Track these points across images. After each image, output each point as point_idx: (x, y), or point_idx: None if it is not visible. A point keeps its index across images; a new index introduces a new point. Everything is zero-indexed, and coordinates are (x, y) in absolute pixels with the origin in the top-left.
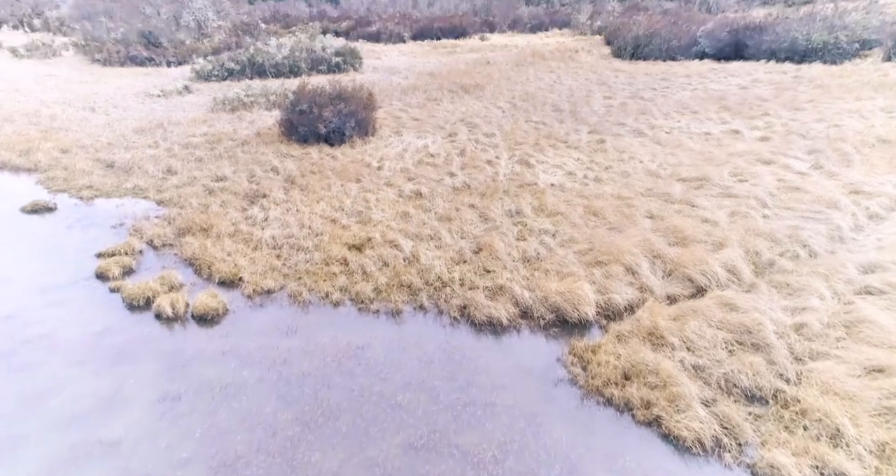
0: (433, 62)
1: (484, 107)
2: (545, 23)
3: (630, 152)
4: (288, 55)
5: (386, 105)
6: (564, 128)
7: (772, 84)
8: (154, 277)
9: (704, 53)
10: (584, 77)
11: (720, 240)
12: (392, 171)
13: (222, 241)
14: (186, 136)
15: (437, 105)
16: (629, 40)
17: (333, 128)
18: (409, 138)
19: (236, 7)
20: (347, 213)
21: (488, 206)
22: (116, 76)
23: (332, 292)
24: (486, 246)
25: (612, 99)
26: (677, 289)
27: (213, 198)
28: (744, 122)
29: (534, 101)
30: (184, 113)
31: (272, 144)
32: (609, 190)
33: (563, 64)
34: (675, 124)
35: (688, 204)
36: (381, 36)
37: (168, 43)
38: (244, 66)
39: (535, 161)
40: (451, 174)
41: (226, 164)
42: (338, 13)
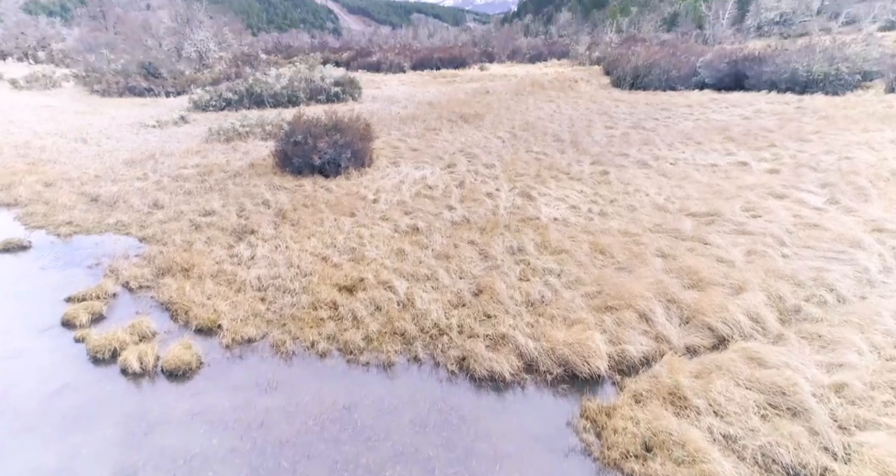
0: (432, 92)
1: (483, 137)
2: (544, 53)
3: (635, 185)
4: (287, 85)
5: (384, 135)
6: (566, 158)
7: (775, 115)
8: (125, 325)
9: (704, 84)
10: (584, 107)
11: (739, 282)
12: (388, 205)
13: (203, 283)
14: (178, 168)
15: (436, 135)
16: (628, 70)
17: (328, 159)
18: (407, 169)
19: (239, 38)
20: (340, 251)
21: (488, 242)
22: (114, 107)
23: (319, 341)
24: (486, 287)
25: (613, 129)
26: (696, 339)
27: (198, 234)
28: (750, 153)
29: (534, 131)
30: (178, 144)
31: (265, 176)
32: (615, 225)
33: (563, 93)
34: (679, 155)
35: (700, 241)
36: (382, 66)
37: (168, 73)
38: (242, 96)
39: (537, 194)
40: (450, 207)
41: (215, 197)
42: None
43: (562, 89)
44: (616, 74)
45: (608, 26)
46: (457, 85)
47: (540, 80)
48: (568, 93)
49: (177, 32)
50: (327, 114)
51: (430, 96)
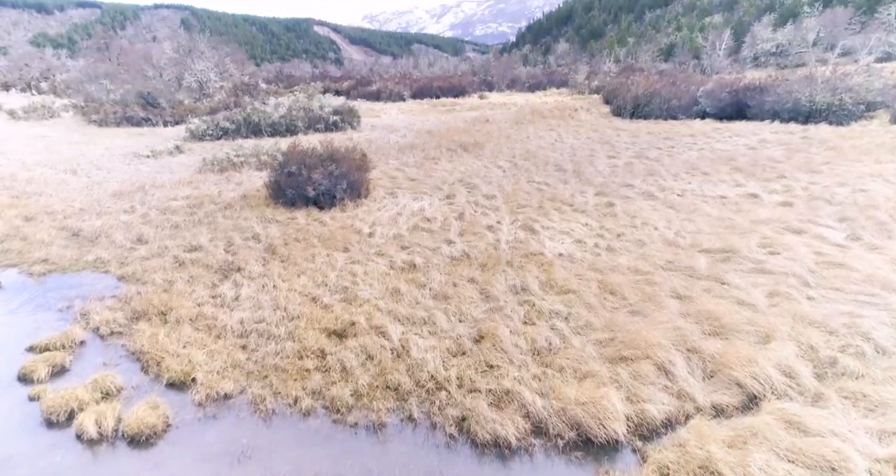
0: (432, 120)
1: (483, 166)
2: (543, 82)
3: (642, 217)
4: (285, 114)
5: (382, 164)
6: (569, 189)
7: (781, 145)
8: (87, 380)
9: (706, 113)
10: (585, 135)
11: (765, 330)
12: (384, 238)
13: (181, 328)
14: (167, 200)
15: (435, 164)
16: (629, 99)
17: (323, 190)
18: (405, 200)
19: (241, 68)
20: (331, 290)
21: (490, 280)
22: (109, 137)
23: (303, 397)
24: (488, 333)
25: (616, 158)
26: (724, 397)
27: (181, 272)
28: (759, 184)
29: (535, 161)
30: (170, 174)
31: (257, 208)
32: (624, 262)
33: (563, 122)
34: (686, 186)
35: (717, 281)
36: (382, 95)
37: (166, 103)
38: (239, 125)
39: (540, 227)
40: (449, 242)
41: (203, 230)
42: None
43: (562, 118)
44: (616, 103)
45: (606, 56)
46: (456, 113)
47: (540, 108)
48: (568, 121)
49: (178, 63)
50: (323, 144)
51: (430, 125)
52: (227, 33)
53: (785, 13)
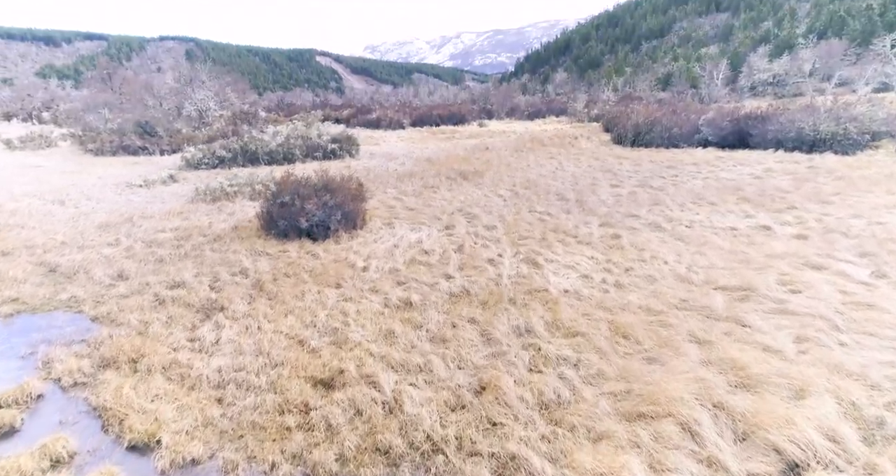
0: (431, 148)
1: (484, 195)
2: (542, 110)
3: (651, 250)
4: (283, 142)
5: (379, 193)
6: (572, 220)
7: (787, 174)
8: (36, 445)
9: (707, 141)
10: (586, 164)
11: (798, 382)
12: (379, 273)
13: (151, 379)
14: (154, 232)
15: (434, 193)
16: (629, 128)
17: (317, 221)
18: (402, 231)
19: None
20: (320, 331)
21: (491, 320)
22: (104, 166)
23: (281, 463)
24: (490, 383)
25: (619, 187)
26: (761, 465)
27: (159, 312)
28: (770, 215)
29: (536, 189)
30: (162, 204)
31: (248, 240)
32: (635, 300)
33: (564, 150)
34: (694, 217)
35: (737, 322)
36: (381, 123)
37: (164, 132)
38: (236, 153)
39: (543, 260)
40: (448, 276)
41: (189, 265)
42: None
43: (562, 146)
44: (617, 131)
45: (604, 85)
46: (456, 141)
47: (539, 136)
48: (569, 149)
49: (179, 92)
50: (317, 173)
51: (429, 153)
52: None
53: (780, 45)
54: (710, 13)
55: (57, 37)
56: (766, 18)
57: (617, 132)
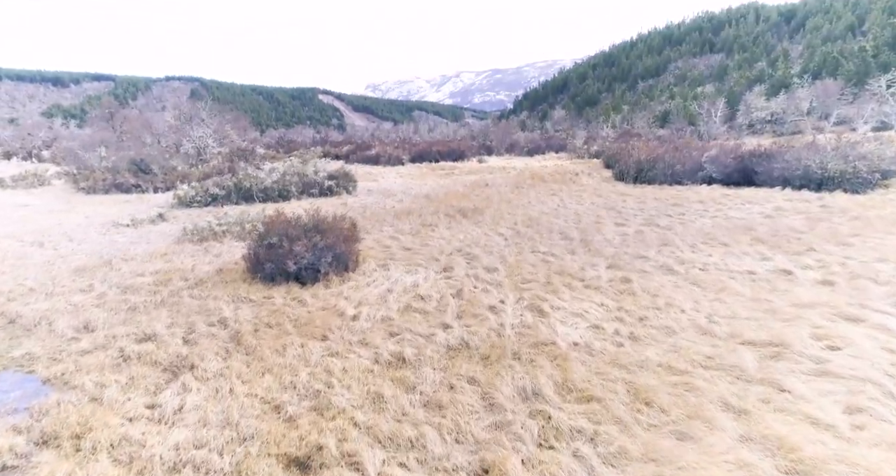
0: (430, 184)
1: (484, 233)
2: (542, 146)
3: (665, 297)
4: (278, 179)
5: (375, 232)
6: (578, 261)
7: (799, 213)
8: None
9: (712, 178)
10: (589, 201)
11: (865, 470)
12: (370, 322)
13: (94, 462)
14: (133, 276)
15: (432, 231)
16: (631, 164)
17: (306, 264)
18: (397, 274)
19: (243, 134)
20: (300, 394)
21: (493, 380)
22: (94, 204)
23: None
24: (494, 465)
25: (625, 226)
26: None
27: (120, 372)
28: (789, 258)
29: (538, 228)
30: (146, 245)
31: (232, 284)
32: (653, 356)
33: (565, 186)
34: (707, 259)
35: (774, 386)
36: (380, 159)
37: (159, 169)
38: (230, 191)
39: (549, 307)
40: (445, 326)
41: (163, 314)
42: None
43: (564, 182)
44: (619, 168)
45: (602, 122)
46: (455, 177)
47: (540, 172)
48: (570, 186)
49: (178, 130)
50: (308, 212)
51: (428, 189)
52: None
53: (776, 84)
54: (703, 54)
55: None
56: (759, 59)
57: (619, 169)
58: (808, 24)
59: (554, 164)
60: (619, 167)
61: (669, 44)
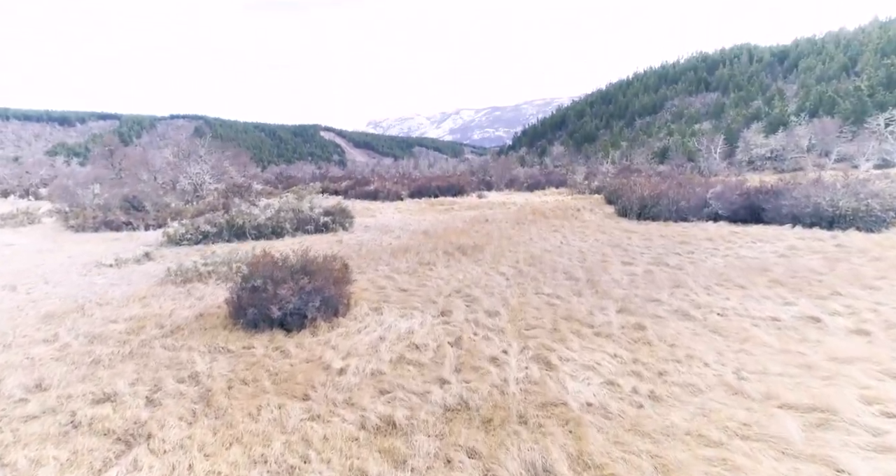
0: (429, 220)
1: (484, 273)
2: (541, 182)
3: (684, 347)
4: (272, 216)
5: (370, 271)
6: (585, 304)
7: (814, 253)
8: None
9: (717, 215)
10: (592, 238)
11: None
12: (359, 376)
13: None
14: (104, 323)
15: (430, 270)
16: (634, 200)
17: (292, 309)
18: (391, 319)
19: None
20: (270, 471)
21: (496, 453)
22: (81, 243)
23: None
24: None
25: (633, 265)
26: None
27: (63, 445)
28: (814, 303)
29: (541, 266)
30: (127, 287)
31: (211, 331)
32: (679, 420)
33: (567, 222)
34: (725, 303)
35: (829, 466)
36: (379, 194)
37: (151, 206)
38: (221, 228)
39: (557, 358)
40: (442, 381)
41: (129, 368)
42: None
43: (565, 218)
44: (621, 204)
45: (601, 158)
46: (454, 213)
47: (540, 208)
48: (572, 222)
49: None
50: (297, 252)
51: (427, 225)
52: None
53: (774, 122)
54: (699, 92)
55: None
56: (755, 97)
57: (621, 205)
58: (800, 65)
59: (555, 199)
60: (621, 203)
61: (665, 82)
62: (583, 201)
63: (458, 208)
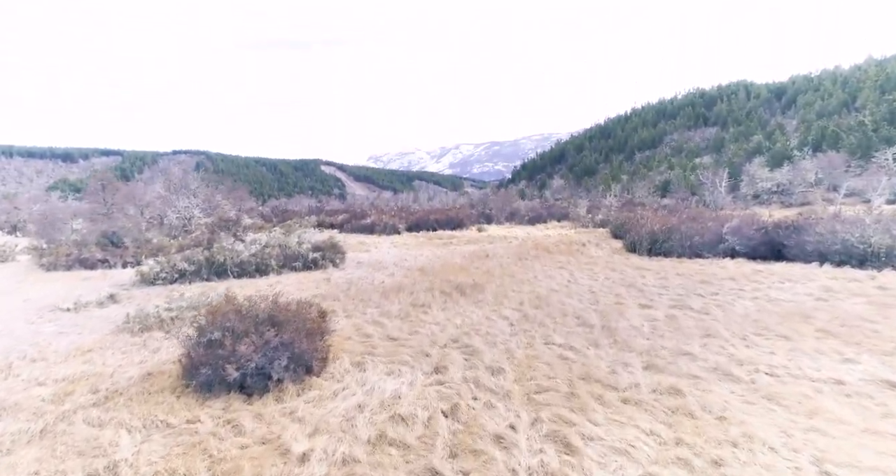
0: (426, 255)
1: (485, 316)
2: (543, 215)
3: (737, 422)
4: (257, 252)
5: (357, 314)
6: (605, 358)
7: (855, 295)
8: None
9: (735, 252)
10: (603, 275)
11: None
12: (325, 467)
13: None
14: (29, 386)
15: (425, 313)
16: (644, 235)
17: (253, 369)
18: (375, 377)
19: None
20: None
21: None
22: (47, 283)
23: None
24: None
25: (652, 308)
26: None
27: None
28: (880, 361)
29: (549, 309)
30: (77, 336)
31: (155, 397)
32: None
33: (573, 258)
34: (771, 359)
35: None
36: (376, 228)
37: (132, 242)
38: (200, 266)
39: (578, 436)
40: (433, 473)
41: (28, 457)
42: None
43: (570, 253)
44: (630, 238)
45: (601, 191)
46: (453, 247)
47: (543, 242)
48: (579, 258)
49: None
50: (266, 297)
51: (423, 260)
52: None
53: (777, 156)
54: (698, 127)
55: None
56: (754, 132)
57: (630, 239)
58: (798, 101)
59: (557, 233)
60: (630, 237)
61: (664, 117)
62: (587, 235)
63: (456, 242)
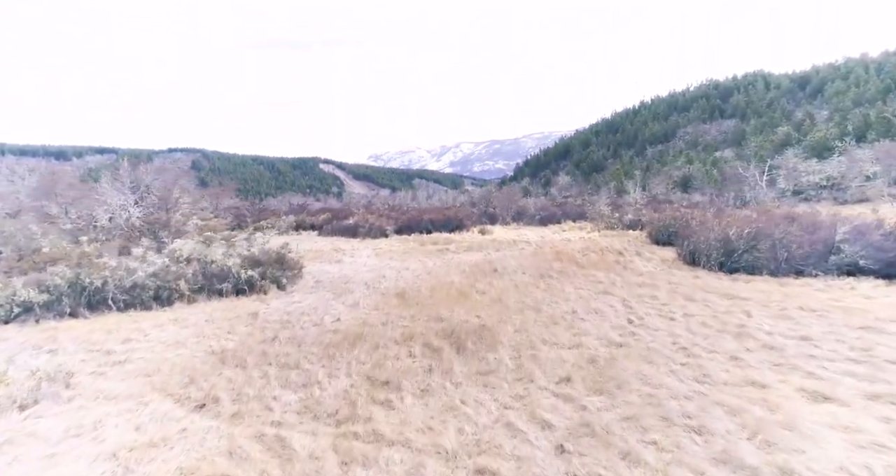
0: (413, 268)
1: (502, 418)
2: (556, 214)
3: None
4: (158, 270)
5: (252, 412)
6: None
7: None
8: None
9: (857, 267)
10: (680, 311)
11: None
12: None
13: None
14: None
15: (385, 409)
16: (712, 242)
17: None
18: None
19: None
20: None
21: None
22: None
23: None
24: None
25: (833, 402)
26: None
27: None
28: None
29: (625, 396)
30: None
31: None
32: None
33: (618, 277)
34: None
35: None
36: (359, 230)
37: (12, 251)
38: (60, 293)
39: None
40: None
41: None
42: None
43: (609, 267)
44: (688, 247)
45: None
46: (450, 256)
47: (565, 249)
48: (624, 275)
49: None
50: None
51: (408, 278)
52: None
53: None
54: (714, 119)
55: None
56: (779, 123)
57: (688, 248)
58: (827, 89)
59: (578, 236)
60: (688, 245)
61: (676, 110)
62: (619, 240)
63: (455, 249)
